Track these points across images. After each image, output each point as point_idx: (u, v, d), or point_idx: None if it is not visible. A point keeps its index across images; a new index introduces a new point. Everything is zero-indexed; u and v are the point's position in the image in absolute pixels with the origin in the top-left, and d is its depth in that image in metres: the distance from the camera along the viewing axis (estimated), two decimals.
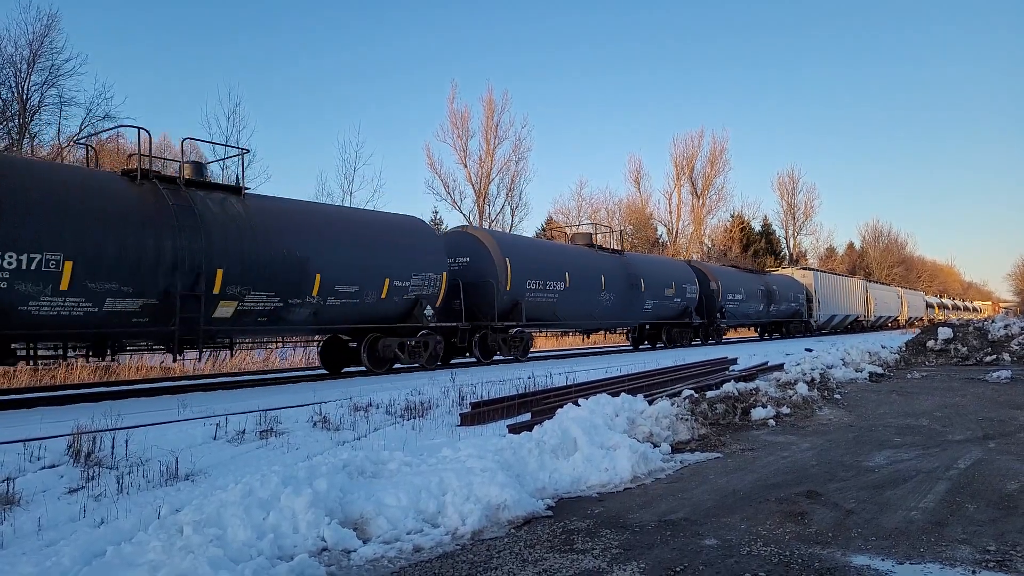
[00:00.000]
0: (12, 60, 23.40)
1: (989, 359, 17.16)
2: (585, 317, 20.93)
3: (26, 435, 6.22)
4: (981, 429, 7.71)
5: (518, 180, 44.32)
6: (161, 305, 10.62)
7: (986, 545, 3.89)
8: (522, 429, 7.03)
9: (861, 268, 79.79)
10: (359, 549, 4.05)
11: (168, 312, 10.68)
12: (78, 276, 9.58)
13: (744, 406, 8.63)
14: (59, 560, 3.67)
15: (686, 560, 3.77)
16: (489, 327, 17.02)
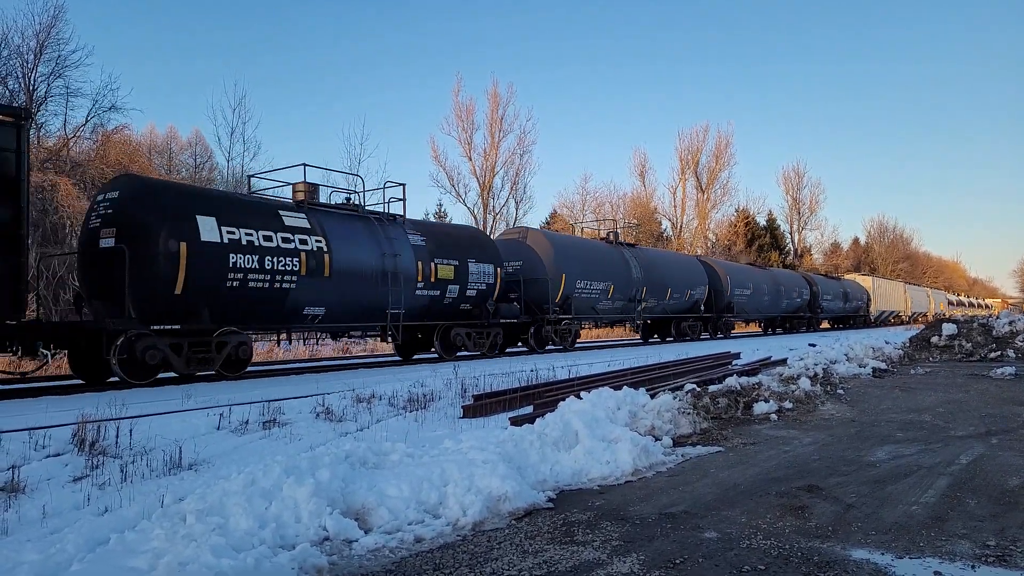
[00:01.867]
0: (19, 51, 23.48)
1: (993, 355, 17.13)
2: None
3: (31, 424, 6.26)
4: (984, 425, 7.70)
5: (522, 173, 44.42)
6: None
7: (986, 540, 3.89)
8: (524, 421, 7.06)
9: (866, 264, 79.61)
10: (361, 539, 4.07)
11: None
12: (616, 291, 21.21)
13: (746, 400, 8.63)
14: (63, 547, 3.70)
15: (686, 552, 3.79)
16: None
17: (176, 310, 11.09)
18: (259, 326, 13.30)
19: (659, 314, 25.20)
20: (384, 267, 14.38)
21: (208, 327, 11.51)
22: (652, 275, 23.84)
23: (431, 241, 16.01)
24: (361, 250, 14.08)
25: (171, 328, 11.04)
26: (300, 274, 12.61)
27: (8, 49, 23.20)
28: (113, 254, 10.65)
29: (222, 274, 11.48)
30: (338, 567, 3.71)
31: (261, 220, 12.35)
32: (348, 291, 13.66)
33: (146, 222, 10.84)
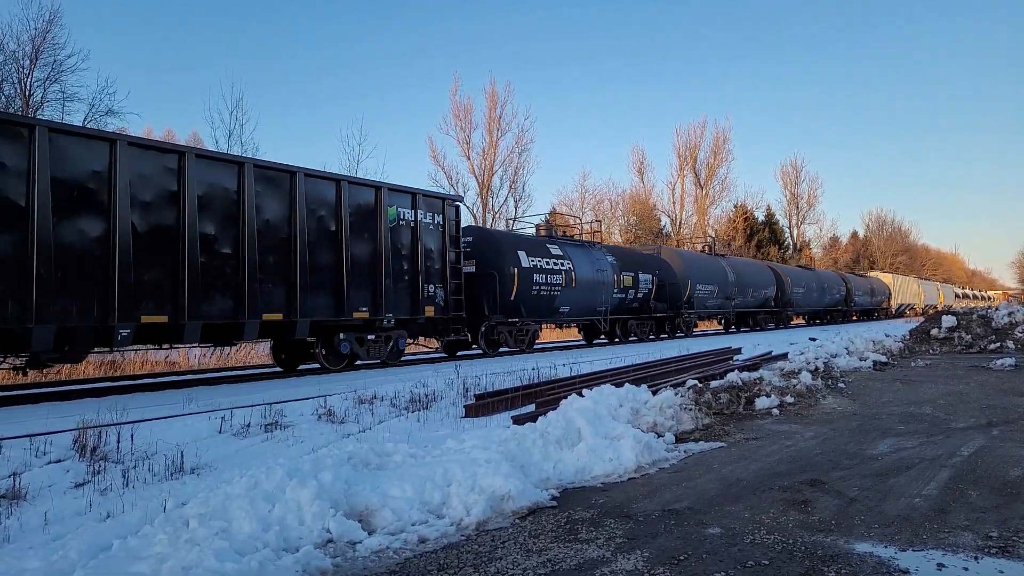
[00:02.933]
0: (15, 56, 23.45)
1: (993, 347, 17.13)
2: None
3: (32, 430, 6.26)
4: (984, 417, 7.70)
5: (521, 172, 44.39)
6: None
7: (988, 531, 3.90)
8: (526, 420, 7.05)
9: (865, 257, 79.62)
10: (364, 540, 4.07)
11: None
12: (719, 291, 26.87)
13: (748, 395, 8.63)
14: (66, 554, 3.69)
15: (690, 549, 3.79)
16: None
17: (509, 310, 17.92)
18: (540, 319, 19.68)
19: (743, 309, 31.50)
20: (596, 279, 21.15)
21: (522, 320, 18.27)
22: (740, 279, 30.17)
23: (618, 259, 23.04)
24: (586, 268, 20.78)
25: (509, 320, 17.93)
26: (562, 286, 19.54)
27: (3, 54, 23.19)
28: (482, 276, 17.59)
29: (530, 287, 18.33)
30: (342, 569, 3.71)
31: (542, 251, 19.30)
32: (581, 296, 20.47)
33: (498, 257, 17.82)
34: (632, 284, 23.23)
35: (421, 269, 15.15)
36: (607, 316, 21.80)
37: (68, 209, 9.74)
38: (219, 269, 11.46)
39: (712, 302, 27.83)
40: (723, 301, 28.70)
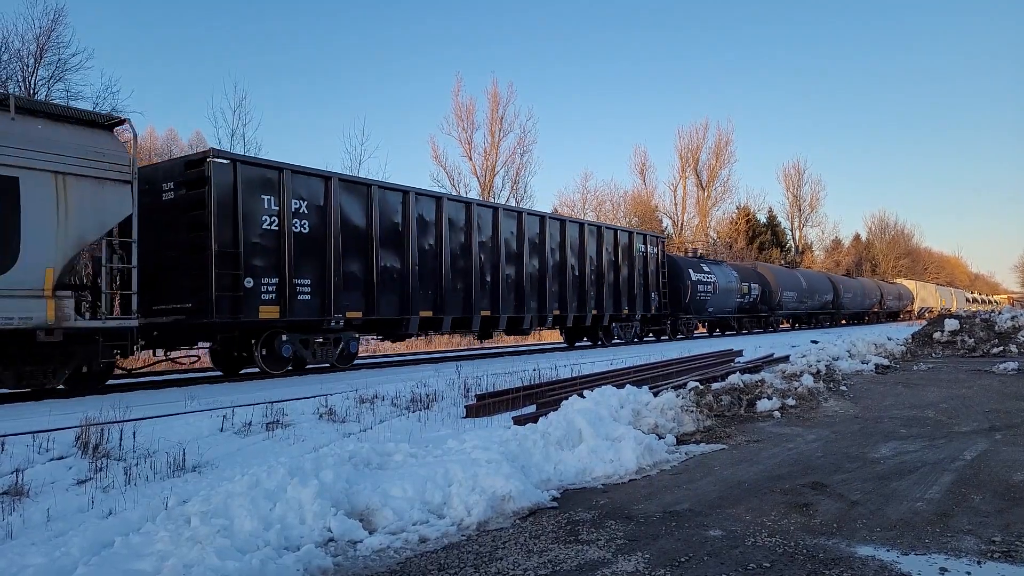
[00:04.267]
0: (19, 55, 23.43)
1: (996, 351, 17.10)
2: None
3: (35, 427, 6.27)
4: (987, 421, 7.69)
5: (523, 173, 44.33)
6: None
7: (991, 536, 3.89)
8: (527, 421, 7.05)
9: (867, 260, 79.55)
10: (365, 540, 4.07)
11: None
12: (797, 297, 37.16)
13: (749, 398, 8.63)
14: (68, 550, 3.70)
15: (691, 551, 3.78)
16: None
17: (689, 309, 26.26)
18: (697, 317, 28.03)
19: (810, 310, 39.38)
20: (727, 287, 29.08)
21: (690, 315, 26.77)
22: (810, 286, 38.77)
23: (738, 272, 31.35)
24: (722, 280, 28.78)
25: (685, 316, 26.30)
26: (711, 293, 27.58)
27: (8, 53, 23.19)
28: (673, 287, 25.55)
29: (696, 294, 26.38)
30: (343, 568, 3.71)
31: (699, 269, 27.21)
32: (720, 300, 28.55)
33: (680, 274, 25.91)
34: (748, 292, 31.87)
35: (652, 283, 24.37)
36: (735, 314, 31.39)
37: (388, 240, 14.69)
38: (457, 281, 16.37)
39: (792, 305, 36.94)
40: (798, 304, 37.58)
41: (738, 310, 31.29)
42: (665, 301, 24.78)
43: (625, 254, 22.85)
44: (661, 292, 24.63)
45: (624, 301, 22.53)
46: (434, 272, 15.68)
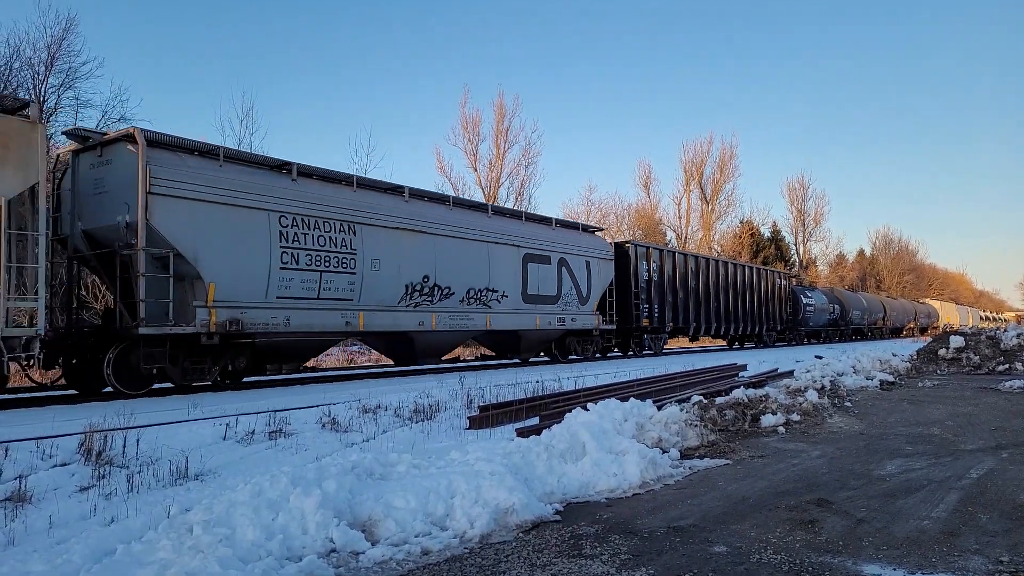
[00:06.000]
0: (30, 62, 23.58)
1: (1001, 368, 17.03)
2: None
3: (38, 433, 6.27)
4: (993, 439, 7.64)
5: (527, 185, 44.37)
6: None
7: (999, 556, 3.85)
8: (531, 433, 7.02)
9: (872, 276, 79.41)
10: (368, 551, 4.05)
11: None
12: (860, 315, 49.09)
13: (754, 413, 8.59)
14: (70, 558, 3.69)
15: (695, 567, 3.75)
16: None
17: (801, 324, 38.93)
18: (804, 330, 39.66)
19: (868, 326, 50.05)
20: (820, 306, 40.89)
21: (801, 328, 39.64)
22: (868, 306, 50.09)
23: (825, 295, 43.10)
24: (819, 302, 41.14)
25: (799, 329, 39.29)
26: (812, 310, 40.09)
27: (20, 60, 23.34)
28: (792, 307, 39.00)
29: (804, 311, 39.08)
30: None
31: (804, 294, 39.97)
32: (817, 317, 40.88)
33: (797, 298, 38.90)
34: (833, 311, 43.19)
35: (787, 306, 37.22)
36: (825, 328, 42.51)
37: (684, 283, 27.09)
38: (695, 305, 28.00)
39: (858, 321, 47.24)
40: (861, 320, 47.75)
41: (827, 324, 42.97)
42: (790, 318, 37.63)
43: (768, 287, 34.86)
44: (786, 312, 37.27)
45: (766, 318, 34.60)
46: (687, 300, 27.09)
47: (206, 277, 11.37)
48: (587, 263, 20.88)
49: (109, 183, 11.17)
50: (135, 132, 10.89)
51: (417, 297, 15.20)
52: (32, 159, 9.55)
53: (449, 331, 16.29)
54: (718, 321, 29.17)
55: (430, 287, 15.52)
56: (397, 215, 14.91)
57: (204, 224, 11.39)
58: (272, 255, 12.31)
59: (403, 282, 14.83)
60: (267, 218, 12.32)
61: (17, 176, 9.38)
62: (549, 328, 19.50)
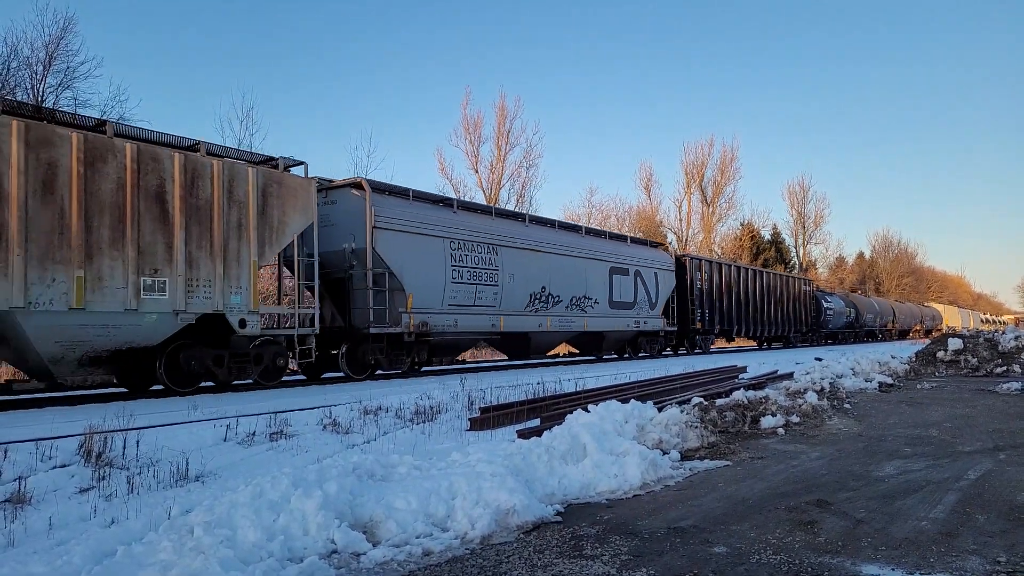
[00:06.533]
0: (28, 62, 23.55)
1: (999, 370, 17.06)
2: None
3: (38, 434, 6.27)
4: (991, 440, 7.66)
5: (528, 187, 44.43)
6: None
7: (996, 556, 3.87)
8: (531, 434, 7.04)
9: (871, 278, 79.49)
10: (369, 552, 4.06)
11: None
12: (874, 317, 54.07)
13: (754, 414, 8.60)
14: (70, 559, 3.69)
15: (696, 567, 3.77)
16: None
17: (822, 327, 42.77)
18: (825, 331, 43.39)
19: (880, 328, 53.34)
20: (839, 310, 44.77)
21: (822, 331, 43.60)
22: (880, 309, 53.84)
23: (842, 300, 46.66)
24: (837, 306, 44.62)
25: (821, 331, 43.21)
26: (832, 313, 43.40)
27: (17, 60, 23.32)
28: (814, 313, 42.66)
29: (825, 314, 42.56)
30: None
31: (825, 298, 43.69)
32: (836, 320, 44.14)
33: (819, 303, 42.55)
34: (849, 314, 46.37)
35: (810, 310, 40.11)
36: (842, 330, 45.67)
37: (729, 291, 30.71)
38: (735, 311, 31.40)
39: (871, 324, 51.05)
40: (873, 323, 51.48)
41: (844, 327, 45.98)
42: (812, 321, 40.52)
43: (795, 293, 37.75)
44: (810, 316, 40.07)
45: (793, 321, 37.50)
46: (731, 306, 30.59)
47: (407, 290, 14.92)
48: (655, 274, 24.71)
49: (335, 219, 14.41)
50: (363, 182, 14.53)
51: (537, 304, 18.91)
52: (309, 205, 12.93)
53: (558, 331, 20.07)
54: (753, 324, 32.40)
55: (546, 295, 19.22)
56: (522, 237, 18.63)
57: (404, 249, 14.91)
58: (446, 272, 15.95)
59: (528, 291, 18.55)
60: (442, 243, 15.95)
61: (302, 218, 12.82)
62: (626, 330, 23.15)
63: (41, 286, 9.36)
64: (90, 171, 9.88)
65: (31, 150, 9.36)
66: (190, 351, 11.25)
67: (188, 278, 10.92)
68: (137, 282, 10.30)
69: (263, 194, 12.10)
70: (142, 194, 10.43)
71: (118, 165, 10.19)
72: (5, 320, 9.27)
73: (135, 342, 10.52)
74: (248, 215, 11.81)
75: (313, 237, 13.16)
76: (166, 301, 10.66)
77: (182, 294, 10.84)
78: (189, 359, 11.21)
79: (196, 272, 11.04)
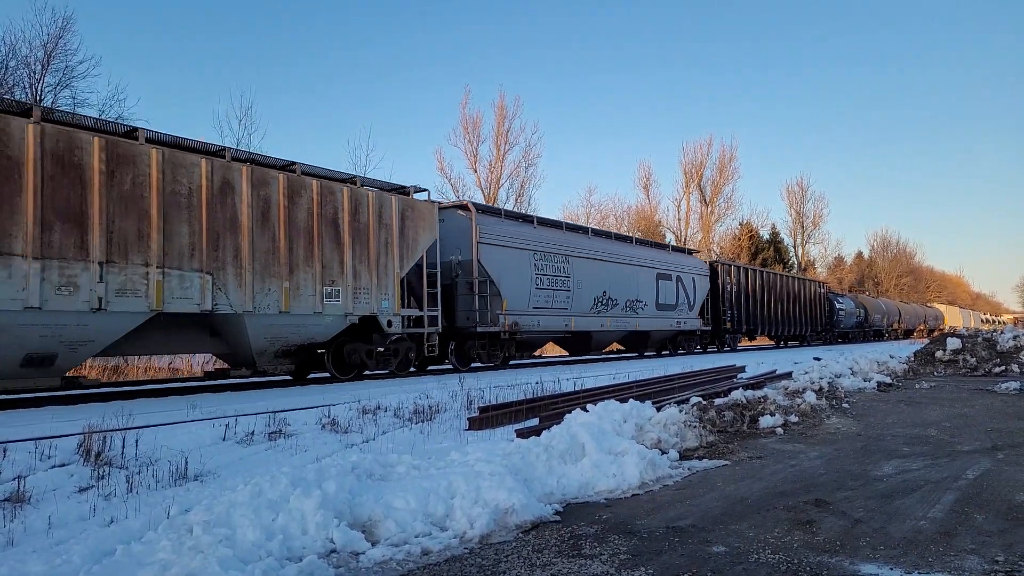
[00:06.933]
0: (26, 61, 23.51)
1: (998, 370, 17.08)
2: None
3: (37, 434, 6.27)
4: (990, 440, 7.67)
5: (527, 186, 44.35)
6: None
7: (995, 556, 3.87)
8: (530, 434, 7.04)
9: (869, 278, 79.53)
10: (368, 551, 4.06)
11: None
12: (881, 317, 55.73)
13: (752, 414, 8.61)
14: (69, 558, 3.69)
15: (694, 567, 3.77)
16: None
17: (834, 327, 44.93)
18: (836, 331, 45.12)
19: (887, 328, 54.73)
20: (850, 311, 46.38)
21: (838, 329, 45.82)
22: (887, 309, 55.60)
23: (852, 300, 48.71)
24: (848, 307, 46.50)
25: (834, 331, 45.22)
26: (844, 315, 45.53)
27: (16, 59, 23.28)
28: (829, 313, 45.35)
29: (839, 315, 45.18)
30: None
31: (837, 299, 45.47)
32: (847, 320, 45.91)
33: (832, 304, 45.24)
34: (859, 315, 48.16)
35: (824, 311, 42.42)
36: (852, 329, 47.23)
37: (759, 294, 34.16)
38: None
39: (878, 323, 52.09)
40: (880, 322, 52.36)
41: (854, 327, 47.79)
42: (826, 321, 42.54)
43: (810, 295, 40.02)
44: (824, 316, 42.27)
45: (809, 321, 39.73)
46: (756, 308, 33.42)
47: (503, 295, 17.56)
48: (693, 279, 27.64)
49: (442, 234, 16.11)
50: (469, 204, 17.70)
51: (599, 306, 21.57)
52: (434, 225, 15.55)
53: (614, 331, 22.77)
54: (773, 324, 35.09)
55: (606, 299, 21.93)
56: (586, 248, 21.45)
57: (500, 260, 17.59)
58: (531, 280, 18.71)
59: (593, 296, 21.25)
60: (528, 255, 18.73)
61: (429, 236, 15.43)
62: (669, 329, 26.09)
63: (261, 295, 11.92)
64: (290, 203, 12.52)
65: (254, 189, 11.93)
66: (351, 346, 13.95)
67: (354, 287, 13.55)
68: (321, 290, 12.89)
69: (402, 217, 14.71)
70: (323, 221, 13.05)
71: (308, 198, 12.83)
72: (236, 321, 11.73)
73: (315, 338, 13.17)
74: (392, 235, 14.46)
75: (436, 251, 15.75)
76: (339, 305, 13.24)
77: (350, 299, 13.42)
78: (351, 352, 13.97)
79: (359, 282, 13.66)
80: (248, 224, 11.74)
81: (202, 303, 11.05)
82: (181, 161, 10.99)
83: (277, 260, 12.15)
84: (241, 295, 11.55)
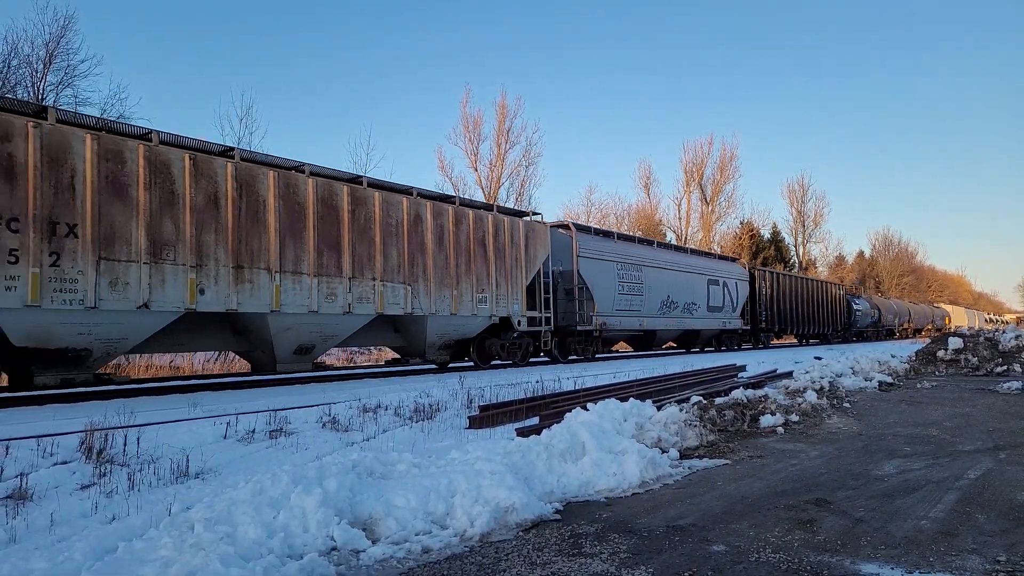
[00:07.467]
0: (29, 60, 23.56)
1: (999, 370, 17.05)
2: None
3: (39, 431, 6.28)
4: (991, 440, 7.67)
5: (528, 185, 44.41)
6: None
7: (996, 555, 3.87)
8: (531, 433, 7.04)
9: (871, 277, 79.49)
10: (368, 549, 4.07)
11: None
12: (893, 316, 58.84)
13: (753, 413, 8.61)
14: (71, 555, 3.70)
15: (695, 566, 3.77)
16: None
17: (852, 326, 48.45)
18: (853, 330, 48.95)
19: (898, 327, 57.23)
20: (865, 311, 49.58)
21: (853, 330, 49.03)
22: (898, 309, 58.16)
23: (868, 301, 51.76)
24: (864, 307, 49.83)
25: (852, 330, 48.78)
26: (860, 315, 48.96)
27: (18, 58, 23.31)
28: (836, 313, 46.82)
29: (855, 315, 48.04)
30: None
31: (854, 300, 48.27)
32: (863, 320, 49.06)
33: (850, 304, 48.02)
34: (874, 315, 50.89)
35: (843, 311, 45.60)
36: (867, 329, 49.30)
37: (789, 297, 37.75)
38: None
39: (890, 323, 54.87)
40: (892, 322, 55.38)
41: (869, 326, 50.50)
42: (845, 321, 45.24)
43: (831, 297, 42.66)
44: (843, 316, 44.84)
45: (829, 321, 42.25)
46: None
47: (595, 299, 21.12)
48: (736, 283, 31.29)
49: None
50: (570, 224, 21.78)
51: (664, 308, 25.41)
52: (547, 243, 19.18)
53: (674, 329, 26.77)
54: (798, 324, 38.16)
55: (670, 302, 25.73)
56: (653, 258, 25.10)
57: (592, 270, 21.28)
58: (615, 286, 22.49)
59: (659, 300, 25.01)
60: (612, 265, 22.57)
61: (544, 252, 19.00)
62: (715, 328, 29.60)
63: (439, 301, 15.37)
64: (456, 229, 15.98)
65: (434, 219, 15.48)
66: (491, 341, 17.38)
67: (496, 294, 17.07)
68: (475, 296, 16.44)
69: (526, 237, 18.28)
70: (476, 242, 16.54)
71: (467, 225, 16.34)
72: (421, 321, 15.09)
73: (468, 334, 16.64)
74: (520, 252, 18.04)
75: (549, 264, 19.15)
76: (487, 308, 16.78)
77: (494, 304, 16.99)
78: (491, 346, 17.42)
79: (499, 290, 17.19)
80: (431, 247, 15.26)
81: (404, 307, 14.50)
82: (391, 200, 14.47)
83: (448, 274, 15.68)
84: (428, 301, 15.08)
